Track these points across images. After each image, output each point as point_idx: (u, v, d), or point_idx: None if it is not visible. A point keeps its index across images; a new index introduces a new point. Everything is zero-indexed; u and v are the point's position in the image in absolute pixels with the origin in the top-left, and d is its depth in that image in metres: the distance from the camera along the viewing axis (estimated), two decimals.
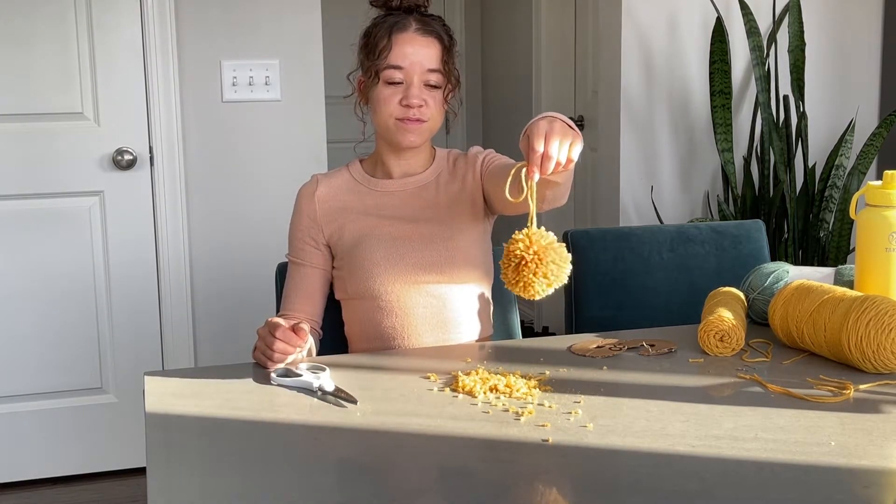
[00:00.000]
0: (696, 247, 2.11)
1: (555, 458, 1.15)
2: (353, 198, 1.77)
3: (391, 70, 1.68)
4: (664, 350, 1.57)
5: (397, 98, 1.68)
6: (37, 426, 2.84)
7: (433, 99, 1.70)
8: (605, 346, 1.60)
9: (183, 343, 2.90)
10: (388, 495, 1.06)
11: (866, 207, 1.63)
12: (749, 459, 1.13)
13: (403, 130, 1.70)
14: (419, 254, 1.72)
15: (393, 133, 1.71)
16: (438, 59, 1.70)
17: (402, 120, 1.69)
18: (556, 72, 4.13)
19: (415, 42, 1.68)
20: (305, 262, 1.77)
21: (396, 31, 1.69)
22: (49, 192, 2.76)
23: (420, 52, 1.68)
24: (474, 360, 1.54)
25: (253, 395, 1.38)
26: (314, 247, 1.76)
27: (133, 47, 2.76)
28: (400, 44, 1.68)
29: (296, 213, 1.80)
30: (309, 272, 1.76)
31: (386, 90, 1.69)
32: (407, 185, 1.77)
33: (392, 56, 1.68)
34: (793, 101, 3.11)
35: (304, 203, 1.79)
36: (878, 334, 1.42)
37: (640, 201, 3.21)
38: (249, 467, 1.13)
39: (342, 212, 1.76)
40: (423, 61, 1.68)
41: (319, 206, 1.77)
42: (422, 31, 1.69)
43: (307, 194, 1.79)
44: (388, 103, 1.69)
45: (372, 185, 1.78)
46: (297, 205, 1.80)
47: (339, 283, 1.77)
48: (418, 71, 1.68)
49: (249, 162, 2.91)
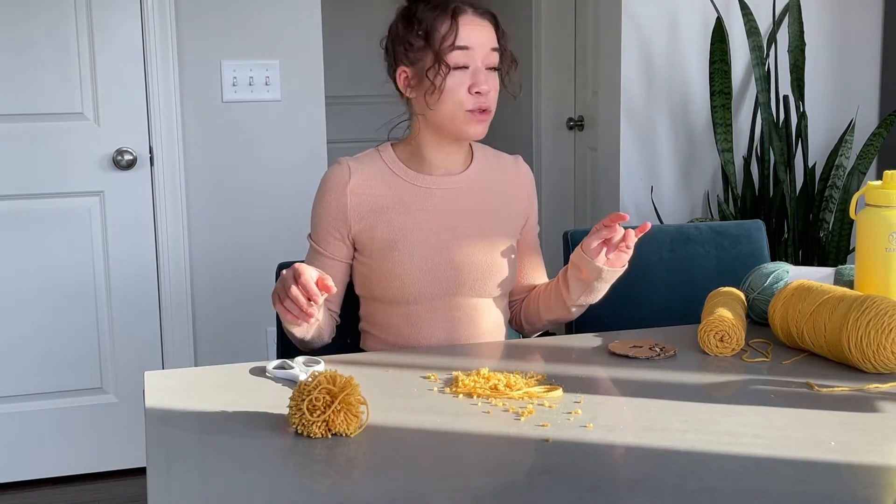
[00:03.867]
0: (696, 247, 2.11)
1: (555, 457, 1.15)
2: (389, 192, 1.68)
3: (459, 52, 1.61)
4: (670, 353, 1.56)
5: (466, 85, 1.62)
6: (37, 426, 2.84)
7: (495, 83, 1.65)
8: (645, 346, 1.58)
9: (183, 343, 2.90)
10: (388, 495, 1.06)
11: (866, 207, 1.63)
12: (749, 459, 1.13)
13: (473, 123, 1.63)
14: (455, 267, 1.67)
15: (460, 125, 1.64)
16: (495, 39, 1.65)
17: (473, 112, 1.63)
18: (556, 72, 4.13)
19: (475, 23, 1.63)
20: (328, 253, 1.69)
21: (458, 12, 1.62)
22: (49, 192, 2.76)
23: (483, 33, 1.63)
24: (475, 361, 1.54)
25: (253, 395, 1.38)
26: (340, 240, 1.69)
27: (133, 47, 2.76)
28: (464, 24, 1.61)
29: (322, 201, 1.69)
30: (331, 264, 1.69)
31: (451, 77, 1.61)
32: (447, 183, 1.70)
33: (459, 38, 1.60)
34: (793, 101, 3.11)
35: (333, 195, 1.68)
36: (878, 334, 1.42)
37: (640, 201, 3.21)
38: (249, 467, 1.13)
39: (376, 211, 1.67)
40: (486, 42, 1.63)
41: (351, 201, 1.67)
42: (479, 13, 1.64)
43: (337, 185, 1.68)
44: (456, 91, 1.62)
45: (410, 178, 1.69)
46: (325, 194, 1.69)
47: (362, 280, 1.71)
48: (481, 53, 1.62)
49: (249, 162, 2.91)
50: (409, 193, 1.68)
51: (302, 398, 1.21)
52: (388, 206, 1.67)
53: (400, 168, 1.70)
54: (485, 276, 1.69)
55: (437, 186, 1.70)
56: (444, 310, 1.68)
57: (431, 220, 1.68)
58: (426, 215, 1.68)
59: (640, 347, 1.56)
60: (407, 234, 1.66)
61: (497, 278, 1.71)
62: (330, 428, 1.20)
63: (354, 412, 1.21)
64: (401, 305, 1.68)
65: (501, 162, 1.79)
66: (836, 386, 1.39)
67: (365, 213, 1.67)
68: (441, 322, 1.68)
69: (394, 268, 1.65)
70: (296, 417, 1.21)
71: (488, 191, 1.74)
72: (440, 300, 1.67)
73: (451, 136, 1.67)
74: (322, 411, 1.20)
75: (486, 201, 1.73)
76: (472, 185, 1.72)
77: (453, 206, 1.70)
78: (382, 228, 1.66)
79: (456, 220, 1.69)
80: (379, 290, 1.68)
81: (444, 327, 1.69)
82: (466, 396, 1.36)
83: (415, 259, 1.65)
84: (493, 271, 1.70)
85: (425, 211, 1.68)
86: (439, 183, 1.70)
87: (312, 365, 1.47)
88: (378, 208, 1.67)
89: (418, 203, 1.68)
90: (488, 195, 1.73)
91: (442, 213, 1.69)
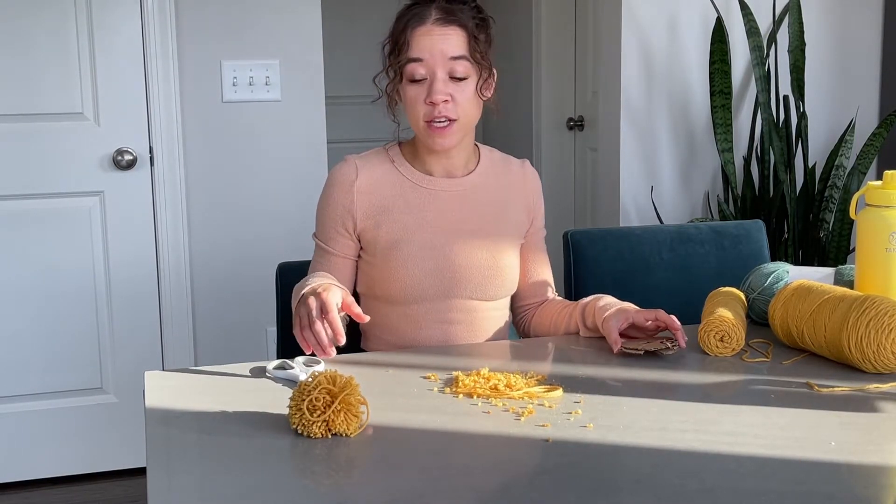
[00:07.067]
0: (696, 247, 2.11)
1: (555, 457, 1.15)
2: (394, 192, 1.68)
3: (412, 65, 1.59)
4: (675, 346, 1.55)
5: (422, 97, 1.60)
6: (37, 426, 2.84)
7: (462, 93, 1.61)
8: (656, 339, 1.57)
9: (183, 343, 2.90)
10: (388, 495, 1.06)
11: (866, 207, 1.63)
12: (749, 459, 1.13)
13: (433, 136, 1.61)
14: (457, 269, 1.66)
15: (424, 137, 1.64)
16: (463, 47, 1.60)
17: (430, 123, 1.61)
18: (556, 72, 4.13)
19: (432, 33, 1.59)
20: (335, 251, 1.69)
21: (413, 23, 1.60)
22: (49, 192, 2.76)
23: (440, 42, 1.59)
24: (475, 361, 1.54)
25: (253, 394, 1.38)
26: (346, 237, 1.68)
27: (133, 47, 2.76)
28: (417, 36, 1.59)
29: (329, 198, 1.69)
30: (338, 261, 1.69)
31: (410, 90, 1.61)
32: (453, 185, 1.69)
33: (411, 50, 1.59)
34: (793, 101, 3.11)
35: (340, 192, 1.67)
36: (878, 334, 1.42)
37: (640, 201, 3.21)
38: (249, 467, 1.13)
39: (381, 211, 1.66)
40: (445, 50, 1.59)
41: (358, 199, 1.67)
42: (441, 22, 1.60)
43: (344, 182, 1.67)
44: (414, 104, 1.61)
45: (416, 178, 1.69)
46: (331, 191, 1.68)
47: (363, 279, 1.70)
48: (440, 62, 1.59)
49: (249, 162, 2.91)
50: (414, 194, 1.68)
51: (302, 398, 1.21)
52: (393, 206, 1.67)
53: (407, 168, 1.70)
54: (487, 279, 1.69)
55: (442, 188, 1.69)
56: (446, 311, 1.68)
57: (436, 222, 1.67)
58: (431, 216, 1.67)
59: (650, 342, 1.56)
60: (411, 234, 1.66)
61: (499, 281, 1.70)
62: (330, 428, 1.20)
63: (354, 412, 1.21)
64: (402, 306, 1.67)
65: (508, 165, 1.79)
66: (836, 386, 1.39)
67: (371, 212, 1.67)
68: (442, 324, 1.68)
69: (396, 268, 1.65)
70: (296, 417, 1.21)
71: (493, 194, 1.73)
72: (441, 302, 1.67)
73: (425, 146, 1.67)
74: (322, 411, 1.20)
75: (491, 204, 1.72)
76: (478, 187, 1.72)
77: (458, 208, 1.69)
78: (387, 228, 1.66)
79: (460, 223, 1.69)
80: (380, 289, 1.68)
81: (445, 329, 1.69)
82: (466, 396, 1.36)
83: (417, 260, 1.65)
84: (495, 274, 1.69)
85: (430, 212, 1.68)
86: (445, 185, 1.70)
87: (312, 365, 1.47)
88: (384, 208, 1.67)
89: (423, 204, 1.68)
90: (493, 198, 1.73)
91: (446, 215, 1.68)
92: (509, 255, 1.72)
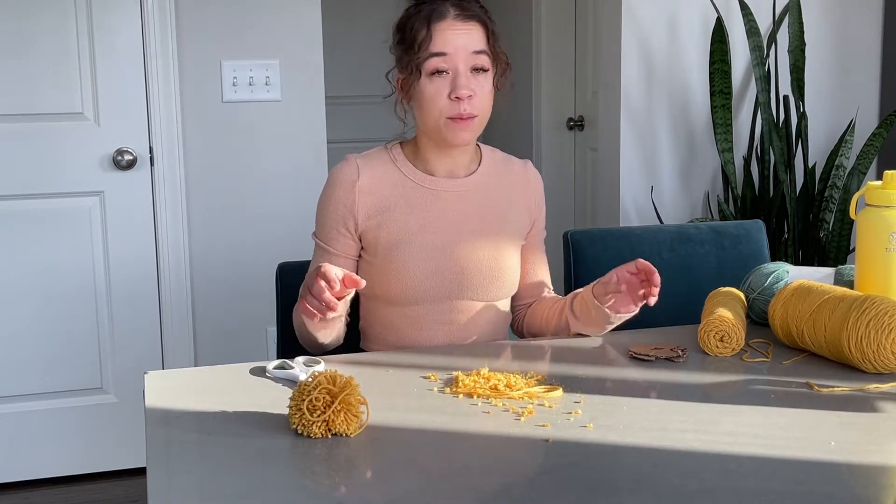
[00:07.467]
0: (696, 247, 2.11)
1: (555, 457, 1.15)
2: (396, 192, 1.67)
3: (434, 59, 1.59)
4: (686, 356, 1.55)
5: (445, 92, 1.59)
6: (37, 426, 2.84)
7: (482, 87, 1.62)
8: (665, 347, 1.58)
9: (183, 343, 2.90)
10: (388, 495, 1.06)
11: (866, 207, 1.63)
12: (749, 459, 1.13)
13: (455, 130, 1.61)
14: (458, 270, 1.66)
15: (444, 132, 1.62)
16: (483, 41, 1.62)
17: (454, 119, 1.60)
18: (556, 72, 4.13)
19: (455, 27, 1.60)
20: (336, 251, 1.68)
21: (435, 19, 1.60)
22: (49, 192, 2.76)
23: (463, 36, 1.60)
24: (475, 361, 1.54)
25: (253, 395, 1.38)
26: (348, 237, 1.67)
27: (133, 47, 2.76)
28: (440, 31, 1.59)
29: (330, 198, 1.68)
30: (339, 261, 1.67)
31: (431, 85, 1.60)
32: (454, 186, 1.69)
33: (434, 44, 1.59)
34: (793, 101, 3.11)
35: (342, 192, 1.66)
36: (878, 334, 1.42)
37: (640, 201, 3.21)
38: (249, 467, 1.13)
39: (383, 211, 1.66)
40: (468, 44, 1.60)
41: (360, 199, 1.65)
42: (462, 17, 1.61)
43: (346, 182, 1.66)
44: (436, 100, 1.60)
45: (418, 178, 1.68)
46: (332, 191, 1.67)
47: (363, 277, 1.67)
48: (463, 56, 1.59)
49: (249, 162, 2.91)
50: (415, 194, 1.68)
51: (302, 398, 1.21)
52: (395, 206, 1.67)
53: (408, 168, 1.69)
54: (488, 280, 1.69)
55: (443, 188, 1.69)
56: (446, 312, 1.68)
57: (437, 222, 1.67)
58: (432, 217, 1.67)
59: (660, 349, 1.56)
60: (412, 234, 1.65)
61: (500, 282, 1.70)
62: (330, 428, 1.20)
63: (354, 412, 1.21)
64: (402, 306, 1.67)
65: (510, 166, 1.79)
66: (836, 386, 1.39)
67: (372, 212, 1.66)
68: (442, 324, 1.68)
69: (397, 268, 1.64)
70: (296, 417, 1.21)
71: (495, 195, 1.73)
72: (442, 302, 1.67)
73: (441, 143, 1.66)
74: (322, 411, 1.20)
75: (493, 205, 1.72)
76: (479, 188, 1.72)
77: (459, 209, 1.69)
78: (388, 228, 1.65)
79: (461, 223, 1.68)
80: (381, 289, 1.67)
81: (446, 329, 1.68)
82: (466, 396, 1.36)
83: (418, 260, 1.64)
84: (496, 275, 1.69)
85: (431, 212, 1.67)
86: (446, 185, 1.69)
87: (312, 365, 1.47)
88: (385, 208, 1.66)
89: (425, 204, 1.68)
90: (495, 199, 1.73)
91: (448, 216, 1.68)
92: (511, 255, 1.72)
